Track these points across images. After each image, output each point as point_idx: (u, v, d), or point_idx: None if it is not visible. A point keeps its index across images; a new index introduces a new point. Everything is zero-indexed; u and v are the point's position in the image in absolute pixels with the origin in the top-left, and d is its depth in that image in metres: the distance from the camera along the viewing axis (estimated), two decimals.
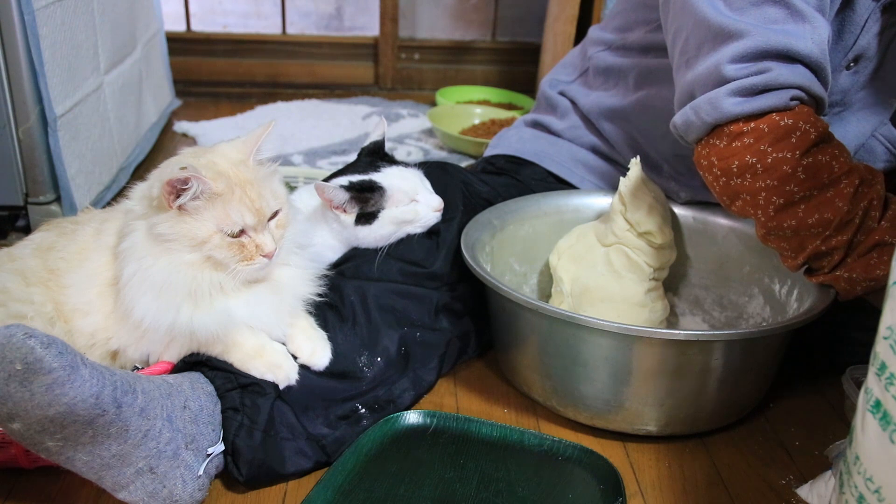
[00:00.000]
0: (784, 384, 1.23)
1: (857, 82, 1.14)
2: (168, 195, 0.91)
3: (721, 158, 1.02)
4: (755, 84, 0.98)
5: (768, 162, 1.00)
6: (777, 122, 0.99)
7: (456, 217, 1.23)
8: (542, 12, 2.54)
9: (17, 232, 1.53)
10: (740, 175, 1.02)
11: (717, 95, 1.00)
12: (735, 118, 1.00)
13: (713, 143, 1.03)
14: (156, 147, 2.07)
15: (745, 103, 0.99)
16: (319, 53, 2.70)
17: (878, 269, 1.00)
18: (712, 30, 1.01)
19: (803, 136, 0.99)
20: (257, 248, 0.96)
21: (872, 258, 1.01)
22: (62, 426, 0.81)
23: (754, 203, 1.03)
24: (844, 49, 1.11)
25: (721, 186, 1.05)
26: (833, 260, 1.02)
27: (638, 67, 1.31)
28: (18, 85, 1.41)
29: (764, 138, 0.99)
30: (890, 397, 0.64)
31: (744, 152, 1.00)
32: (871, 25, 1.08)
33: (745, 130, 1.00)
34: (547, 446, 1.05)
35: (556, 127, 1.45)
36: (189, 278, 0.94)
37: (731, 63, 0.99)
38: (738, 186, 1.03)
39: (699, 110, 1.02)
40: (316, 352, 1.04)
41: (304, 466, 1.00)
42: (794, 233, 1.02)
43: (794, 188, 1.00)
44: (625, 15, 1.37)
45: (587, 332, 1.03)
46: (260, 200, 0.95)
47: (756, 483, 1.04)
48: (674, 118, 1.07)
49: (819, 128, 1.00)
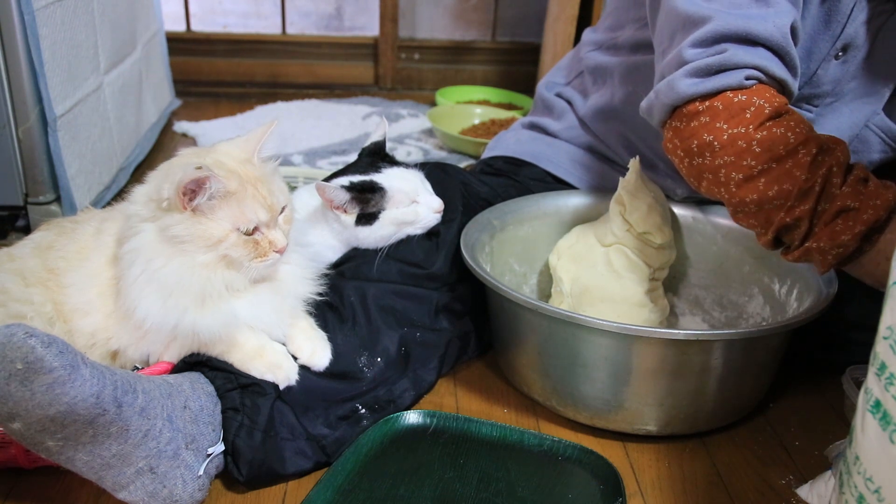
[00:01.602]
0: (784, 384, 1.23)
1: (847, 72, 1.15)
2: (183, 196, 0.90)
3: (682, 139, 1.04)
4: (710, 64, 1.00)
5: (724, 139, 1.01)
6: (731, 100, 1.01)
7: (455, 218, 1.23)
8: (542, 12, 2.54)
9: (17, 232, 1.53)
10: (700, 154, 1.03)
11: (674, 77, 1.03)
12: (691, 98, 1.02)
13: (675, 125, 1.05)
14: (156, 147, 2.07)
15: (699, 83, 1.01)
16: (319, 53, 2.70)
17: (843, 234, 0.99)
18: (681, 18, 1.04)
19: (757, 110, 1.00)
20: (270, 244, 0.96)
21: (837, 224, 0.99)
22: (63, 426, 0.81)
23: (717, 181, 1.04)
24: (832, 38, 1.11)
25: (686, 167, 1.07)
26: (801, 231, 1.01)
27: (624, 65, 1.31)
28: (18, 85, 1.41)
29: (719, 116, 1.01)
30: (890, 397, 0.64)
31: (701, 131, 1.02)
32: (857, 14, 1.09)
33: (700, 109, 1.02)
34: (547, 446, 1.06)
35: (553, 128, 1.45)
36: (203, 279, 0.94)
37: (692, 47, 1.02)
38: (701, 165, 1.04)
39: (659, 92, 1.05)
40: (316, 352, 1.04)
41: (304, 467, 1.00)
42: (759, 207, 1.02)
43: (751, 162, 1.00)
44: (616, 14, 1.38)
45: (587, 332, 1.03)
46: (271, 197, 0.96)
47: (756, 483, 1.05)
48: (640, 103, 1.10)
49: (775, 103, 1.01)
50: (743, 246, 1.27)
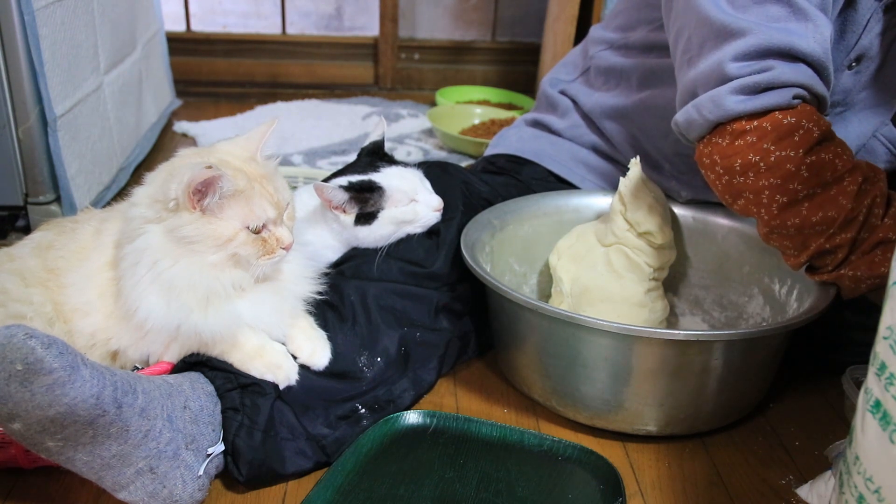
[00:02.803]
0: (784, 384, 1.23)
1: (859, 82, 1.15)
2: (193, 196, 0.90)
3: (724, 157, 1.02)
4: (758, 82, 0.98)
5: (771, 160, 1.00)
6: (780, 121, 0.99)
7: (456, 217, 1.23)
8: (542, 12, 2.54)
9: (17, 232, 1.53)
10: (743, 174, 1.02)
11: (719, 93, 1.00)
12: (738, 116, 1.00)
13: (715, 141, 1.03)
14: (156, 147, 2.07)
15: (747, 101, 0.99)
16: (319, 53, 2.70)
17: (883, 266, 1.00)
18: (714, 28, 1.01)
19: (806, 134, 0.99)
20: (277, 241, 0.96)
21: (877, 255, 1.01)
22: (63, 426, 0.81)
23: (757, 202, 1.03)
24: (846, 49, 1.11)
25: (724, 185, 1.05)
26: (837, 258, 1.02)
27: (641, 68, 1.31)
28: (18, 85, 1.41)
29: (767, 136, 0.99)
30: (890, 397, 0.64)
31: (747, 150, 1.00)
32: (872, 25, 1.08)
33: (747, 129, 1.00)
34: (547, 446, 1.06)
35: (556, 126, 1.45)
36: (212, 279, 0.94)
37: (734, 61, 0.99)
38: (741, 185, 1.03)
39: (702, 108, 1.02)
40: (316, 351, 1.04)
41: (304, 466, 1.00)
42: (798, 231, 1.02)
43: (797, 186, 1.00)
44: (627, 14, 1.37)
45: (587, 332, 1.03)
46: (277, 194, 0.96)
47: (756, 483, 1.05)
48: (675, 116, 1.07)
49: (822, 126, 1.00)
50: (743, 246, 1.27)
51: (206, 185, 0.89)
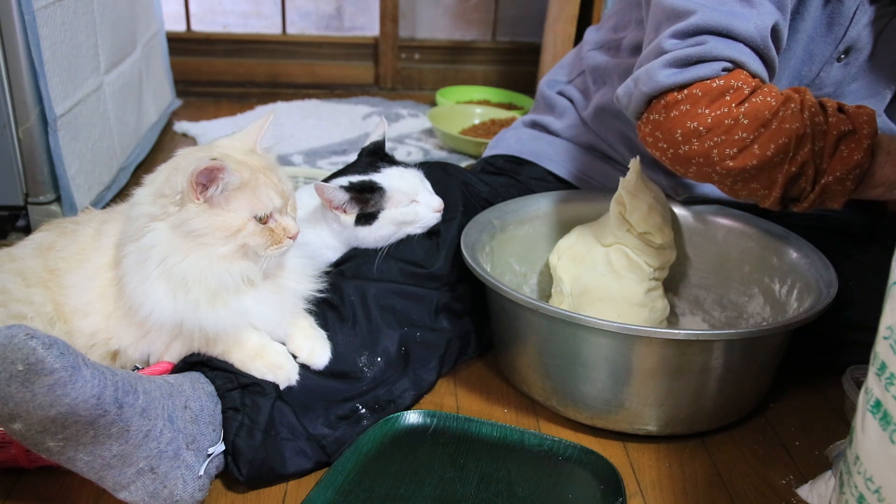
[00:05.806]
0: (784, 384, 1.23)
1: (849, 74, 1.15)
2: (196, 186, 0.90)
3: (664, 131, 1.05)
4: (689, 55, 1.02)
5: (709, 122, 1.02)
6: (709, 85, 1.02)
7: (456, 217, 1.23)
8: (542, 12, 2.54)
9: (18, 232, 1.53)
10: (686, 142, 1.04)
11: (653, 66, 1.04)
12: (668, 88, 1.03)
13: (653, 118, 1.06)
14: (156, 147, 2.07)
15: (678, 74, 1.02)
16: (319, 53, 2.70)
17: (855, 154, 1.01)
18: (666, 11, 1.06)
19: (737, 92, 1.02)
20: (284, 231, 0.97)
21: (843, 151, 1.01)
22: (63, 426, 0.81)
23: (708, 163, 1.04)
24: (835, 41, 1.12)
25: (671, 157, 1.07)
26: (809, 175, 1.03)
27: (622, 66, 1.32)
28: (18, 85, 1.41)
29: (700, 102, 1.02)
30: (890, 397, 0.64)
31: (684, 119, 1.03)
32: (860, 16, 1.10)
33: (679, 98, 1.03)
34: (547, 446, 1.06)
35: (554, 127, 1.45)
36: (222, 271, 0.94)
37: (671, 38, 1.03)
38: (688, 153, 1.05)
39: (638, 81, 1.06)
40: (315, 351, 1.05)
41: (305, 466, 1.01)
42: (759, 170, 1.03)
43: (742, 135, 1.02)
44: (620, 15, 1.38)
45: (587, 332, 1.03)
46: (281, 183, 0.97)
47: (756, 483, 1.05)
48: (617, 90, 1.10)
49: (752, 83, 1.02)
50: (743, 246, 1.27)
51: (209, 174, 0.89)
